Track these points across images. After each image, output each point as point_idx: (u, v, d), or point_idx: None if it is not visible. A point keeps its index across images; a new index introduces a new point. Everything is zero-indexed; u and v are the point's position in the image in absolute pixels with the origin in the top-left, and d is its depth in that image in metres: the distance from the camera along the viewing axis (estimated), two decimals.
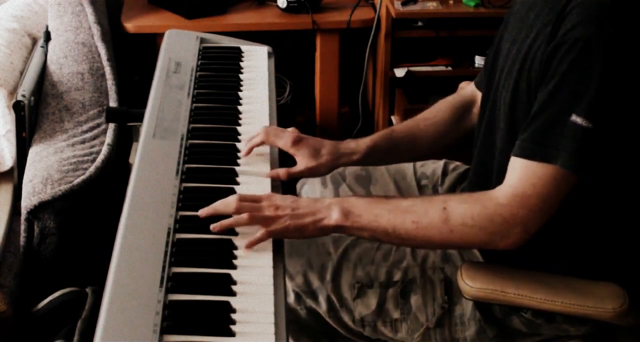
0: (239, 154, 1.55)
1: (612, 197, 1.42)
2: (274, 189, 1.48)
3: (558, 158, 1.28)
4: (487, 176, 1.50)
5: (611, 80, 1.25)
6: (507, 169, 1.35)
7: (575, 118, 1.26)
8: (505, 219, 1.31)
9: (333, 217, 1.36)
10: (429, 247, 1.46)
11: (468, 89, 1.74)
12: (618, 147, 1.32)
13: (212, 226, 1.32)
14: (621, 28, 1.26)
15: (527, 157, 1.31)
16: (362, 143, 1.60)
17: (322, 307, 1.53)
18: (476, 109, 1.69)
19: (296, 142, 1.54)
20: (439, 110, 1.70)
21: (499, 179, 1.37)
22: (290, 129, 1.58)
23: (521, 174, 1.31)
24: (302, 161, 1.54)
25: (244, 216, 1.33)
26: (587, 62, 1.26)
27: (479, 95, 1.68)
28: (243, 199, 1.36)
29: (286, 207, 1.35)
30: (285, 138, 1.55)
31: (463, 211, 1.33)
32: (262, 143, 1.56)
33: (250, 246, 1.31)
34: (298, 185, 1.88)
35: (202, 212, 1.35)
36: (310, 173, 1.56)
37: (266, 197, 1.38)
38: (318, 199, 1.39)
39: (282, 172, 1.52)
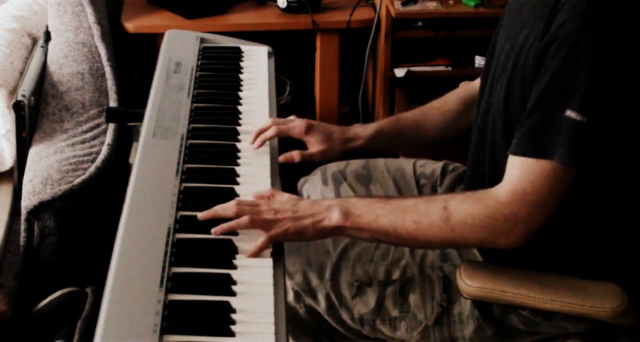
0: (239, 154, 1.56)
1: (611, 196, 1.42)
2: (274, 188, 1.48)
3: (555, 153, 1.29)
4: (482, 171, 1.50)
5: (603, 73, 1.26)
6: (501, 166, 1.36)
7: (569, 113, 1.27)
8: (507, 217, 1.31)
9: (333, 218, 1.36)
10: (430, 247, 1.47)
11: (475, 83, 1.75)
12: (614, 140, 1.33)
13: (213, 230, 1.32)
14: (612, 22, 1.27)
15: (524, 155, 1.31)
16: (369, 128, 1.68)
17: (321, 306, 1.53)
18: None
19: (308, 129, 1.62)
20: (447, 101, 1.75)
21: (493, 174, 1.38)
22: (292, 117, 1.64)
23: (520, 171, 1.32)
24: (315, 146, 1.62)
25: (245, 218, 1.33)
26: (578, 56, 1.27)
27: None
28: (242, 203, 1.36)
29: (285, 210, 1.36)
30: (298, 127, 1.62)
31: (464, 209, 1.33)
32: (275, 137, 1.61)
33: (253, 255, 1.30)
34: (299, 183, 1.88)
35: (202, 215, 1.35)
36: (321, 156, 1.63)
37: (265, 201, 1.38)
38: (317, 201, 1.40)
39: (295, 154, 1.59)
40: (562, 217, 1.40)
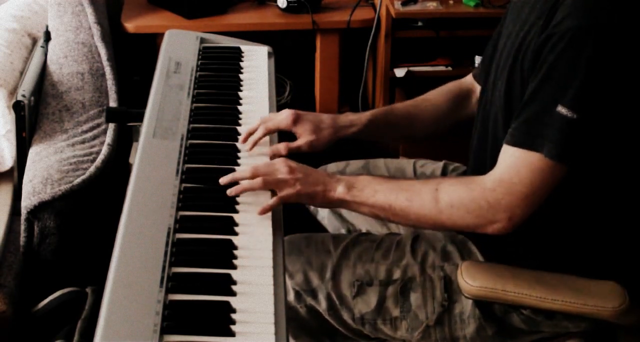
0: (239, 154, 1.55)
1: (612, 195, 1.42)
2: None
3: (543, 147, 1.30)
4: (484, 170, 1.50)
5: (598, 71, 1.27)
6: None
7: (560, 108, 1.28)
8: (489, 204, 1.33)
9: (338, 190, 1.42)
10: (421, 226, 1.48)
11: (467, 79, 1.77)
12: (607, 139, 1.33)
13: (228, 191, 1.39)
14: (611, 20, 1.27)
15: (515, 145, 1.33)
16: (362, 116, 1.66)
17: (322, 306, 1.53)
18: (474, 99, 1.73)
19: (295, 120, 1.60)
20: (439, 94, 1.75)
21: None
22: (285, 110, 1.62)
23: (509, 161, 1.34)
24: (303, 136, 1.60)
25: (258, 180, 1.39)
26: (575, 52, 1.27)
27: (476, 86, 1.72)
28: (259, 166, 1.42)
29: (300, 170, 1.41)
30: (285, 119, 1.60)
31: (452, 192, 1.36)
32: (264, 136, 1.59)
33: (263, 212, 1.37)
34: None
35: (223, 180, 1.41)
36: (310, 147, 1.60)
37: (282, 160, 1.44)
38: (330, 173, 1.45)
39: (281, 147, 1.57)
40: (563, 215, 1.40)
